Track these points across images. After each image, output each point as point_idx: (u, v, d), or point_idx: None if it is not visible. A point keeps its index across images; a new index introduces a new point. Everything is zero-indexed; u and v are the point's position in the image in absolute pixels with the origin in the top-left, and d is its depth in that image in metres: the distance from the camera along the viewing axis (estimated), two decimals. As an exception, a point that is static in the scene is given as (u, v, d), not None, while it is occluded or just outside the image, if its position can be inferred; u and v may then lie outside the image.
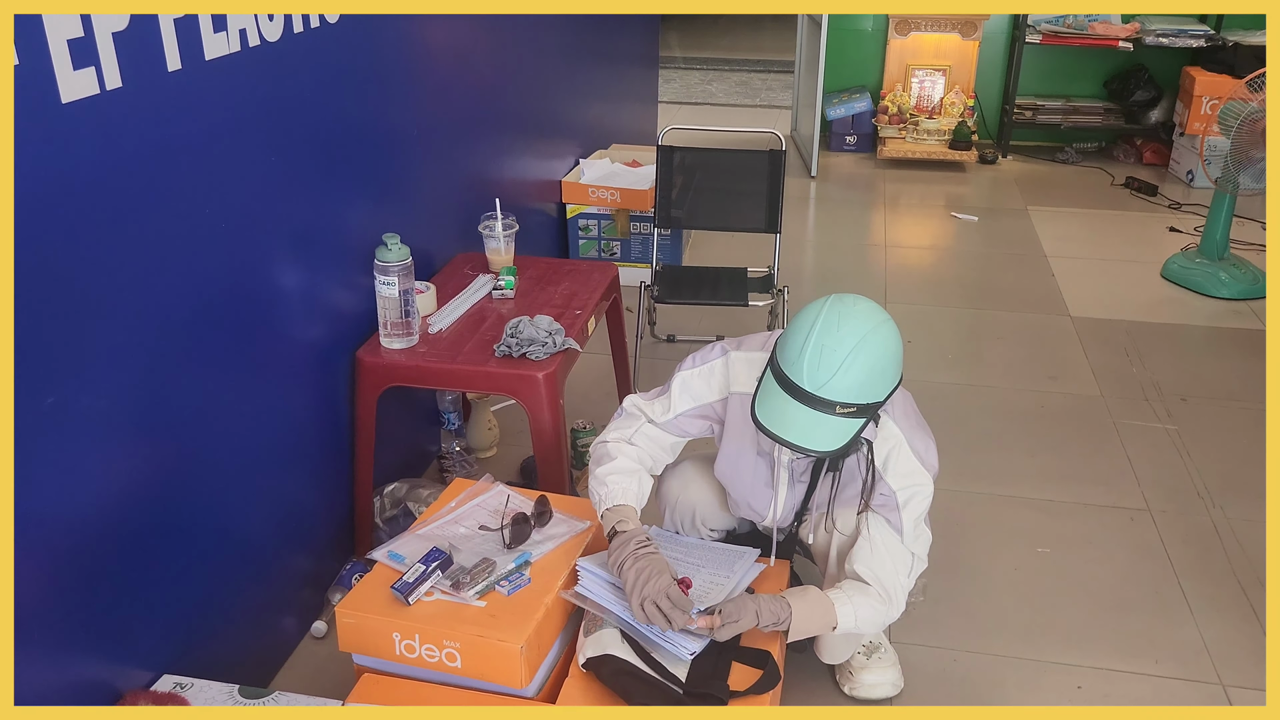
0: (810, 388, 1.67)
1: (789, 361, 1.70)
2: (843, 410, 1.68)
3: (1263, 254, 4.39)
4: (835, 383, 1.66)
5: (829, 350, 1.66)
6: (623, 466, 1.94)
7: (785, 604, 1.82)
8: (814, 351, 1.67)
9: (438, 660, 1.78)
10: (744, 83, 8.03)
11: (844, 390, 1.66)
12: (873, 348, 1.67)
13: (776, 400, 1.71)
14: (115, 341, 1.59)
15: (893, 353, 1.71)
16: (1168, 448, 3.00)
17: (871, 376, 1.68)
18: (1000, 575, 2.48)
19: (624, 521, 1.87)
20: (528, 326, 2.33)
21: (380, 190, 2.44)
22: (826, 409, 1.67)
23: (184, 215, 1.71)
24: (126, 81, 1.52)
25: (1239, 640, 2.28)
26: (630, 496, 1.91)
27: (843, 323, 1.68)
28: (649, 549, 1.82)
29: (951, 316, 3.90)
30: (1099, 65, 5.82)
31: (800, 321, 1.72)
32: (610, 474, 1.93)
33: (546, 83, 3.64)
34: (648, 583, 1.77)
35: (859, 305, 1.72)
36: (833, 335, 1.67)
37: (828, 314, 1.69)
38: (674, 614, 1.75)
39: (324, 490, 2.32)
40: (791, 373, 1.69)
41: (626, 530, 1.85)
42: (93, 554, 1.58)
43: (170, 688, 1.74)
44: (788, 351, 1.71)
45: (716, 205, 3.44)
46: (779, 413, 1.71)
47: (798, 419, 1.69)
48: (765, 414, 1.73)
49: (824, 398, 1.67)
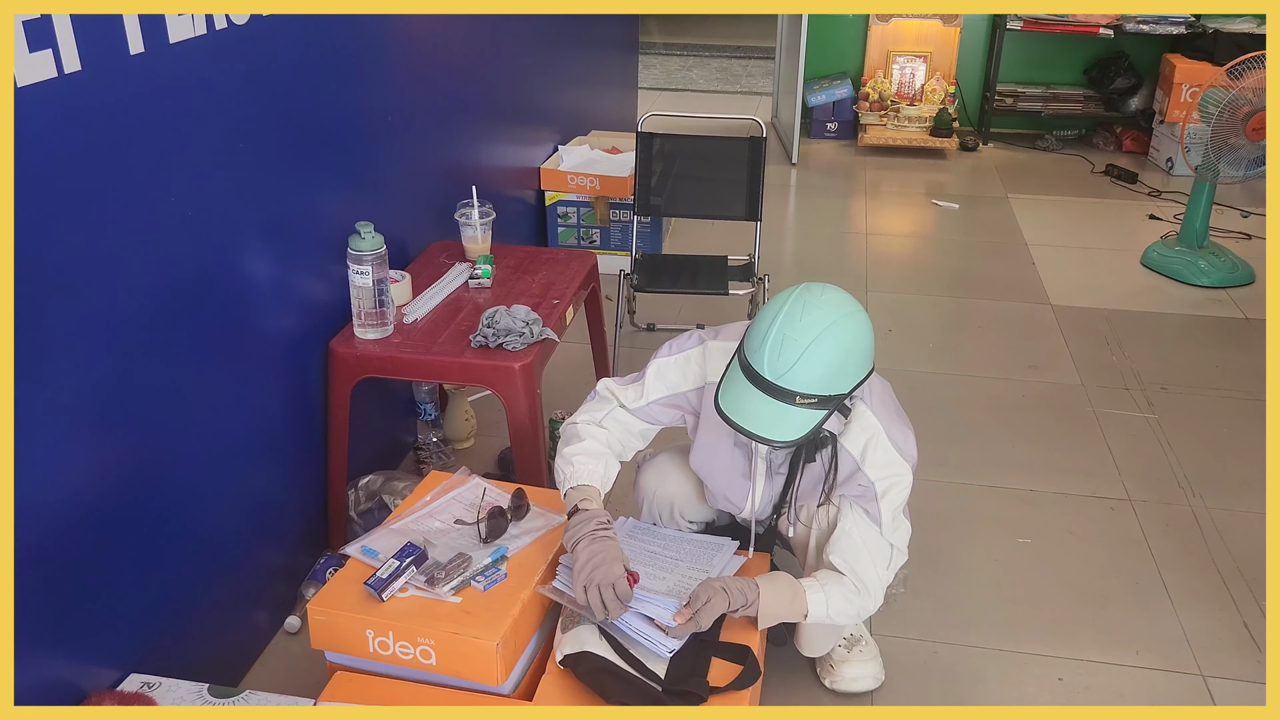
0: (770, 376, 1.65)
1: (752, 350, 1.68)
2: (803, 400, 1.66)
3: (1241, 242, 4.40)
4: (795, 373, 1.64)
5: (790, 340, 1.64)
6: (590, 449, 1.91)
7: (753, 585, 1.80)
8: (775, 340, 1.65)
9: (412, 658, 1.74)
10: (724, 69, 7.99)
11: (804, 381, 1.65)
12: (836, 339, 1.65)
13: (739, 389, 1.70)
14: (78, 334, 1.54)
15: (858, 345, 1.69)
16: (1148, 437, 3.00)
17: (833, 368, 1.66)
18: (981, 566, 2.47)
19: (587, 500, 1.84)
20: (504, 316, 2.30)
21: (354, 177, 2.39)
22: (786, 399, 1.65)
23: (148, 204, 1.66)
24: (86, 65, 1.47)
25: (1219, 631, 2.27)
26: (595, 478, 1.88)
27: (807, 312, 1.66)
28: (606, 533, 1.80)
29: (932, 305, 3.88)
30: (1079, 52, 5.81)
31: (766, 310, 1.71)
32: (577, 454, 1.90)
33: (525, 68, 3.59)
34: (597, 569, 1.74)
35: (826, 295, 1.70)
36: (795, 325, 1.65)
37: (793, 303, 1.68)
38: (613, 605, 1.73)
39: (297, 483, 2.28)
40: (754, 361, 1.67)
41: (588, 510, 1.82)
42: (56, 550, 1.54)
43: (138, 687, 1.70)
44: (752, 340, 1.69)
45: (696, 193, 3.40)
46: (740, 401, 1.69)
47: (758, 408, 1.67)
48: (727, 402, 1.72)
49: (784, 387, 1.65)
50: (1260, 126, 3.81)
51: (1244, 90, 3.77)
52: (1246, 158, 3.93)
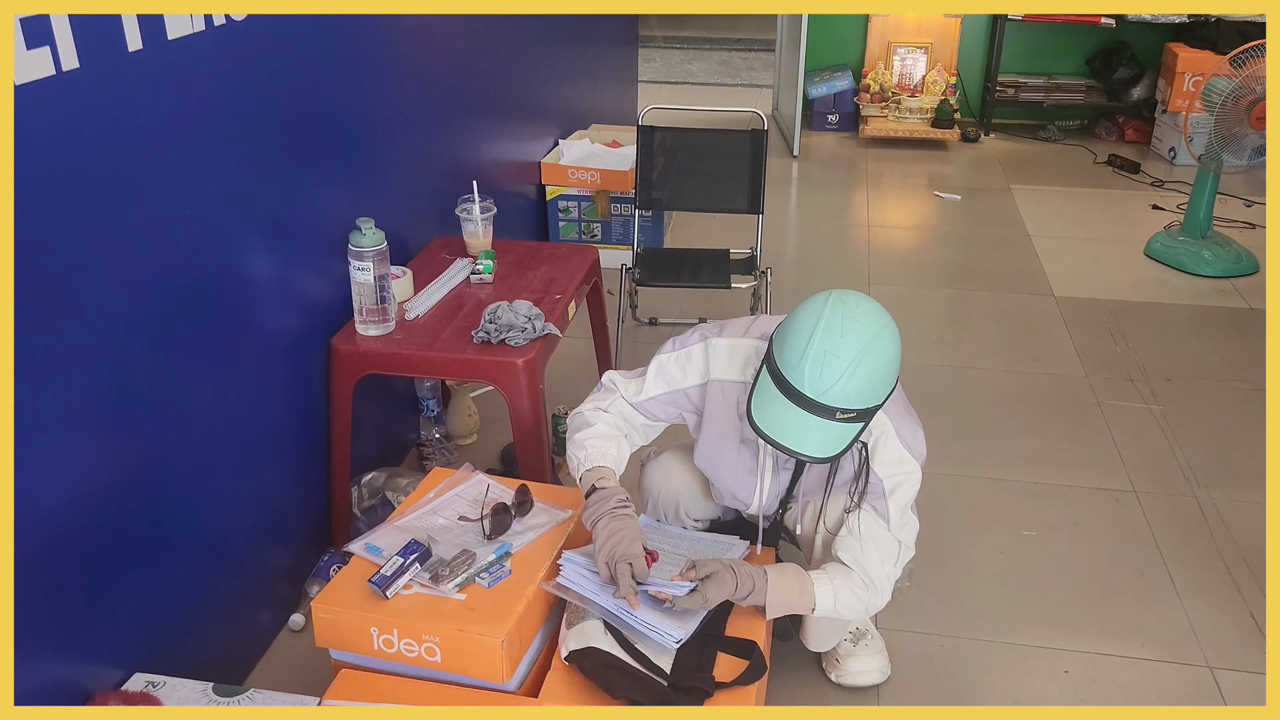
0: (812, 394, 1.63)
1: (789, 366, 1.65)
2: (843, 416, 1.64)
3: (1245, 231, 4.39)
4: (838, 390, 1.62)
5: (832, 356, 1.61)
6: (601, 432, 1.93)
7: (761, 573, 1.80)
8: (816, 357, 1.62)
9: (417, 655, 1.74)
10: (725, 62, 7.96)
11: (846, 397, 1.63)
12: (876, 354, 1.63)
13: (774, 404, 1.67)
14: (79, 334, 1.53)
15: (894, 357, 1.67)
16: (1153, 428, 2.99)
17: (873, 382, 1.64)
18: (986, 559, 2.46)
19: (604, 480, 1.86)
20: (506, 312, 2.29)
21: (354, 173, 2.38)
22: (827, 415, 1.63)
23: (148, 202, 1.66)
24: (84, 62, 1.46)
25: (1224, 622, 2.27)
26: (609, 459, 1.90)
27: (846, 327, 1.63)
28: (626, 510, 1.81)
29: (935, 297, 3.87)
30: (1081, 42, 5.79)
31: (801, 323, 1.66)
32: (589, 438, 1.91)
33: (525, 63, 3.58)
34: (619, 545, 1.76)
35: (862, 308, 1.67)
36: (836, 341, 1.62)
37: (829, 316, 1.64)
38: (625, 582, 1.74)
39: (300, 481, 2.28)
40: (792, 378, 1.64)
41: (606, 488, 1.84)
42: (58, 550, 1.53)
43: (142, 686, 1.70)
44: (787, 355, 1.66)
45: (698, 186, 3.39)
46: (777, 417, 1.67)
47: (797, 424, 1.65)
48: (763, 418, 1.69)
49: (825, 404, 1.63)
50: (1264, 115, 3.79)
51: (1247, 79, 3.76)
52: (1250, 146, 3.91)
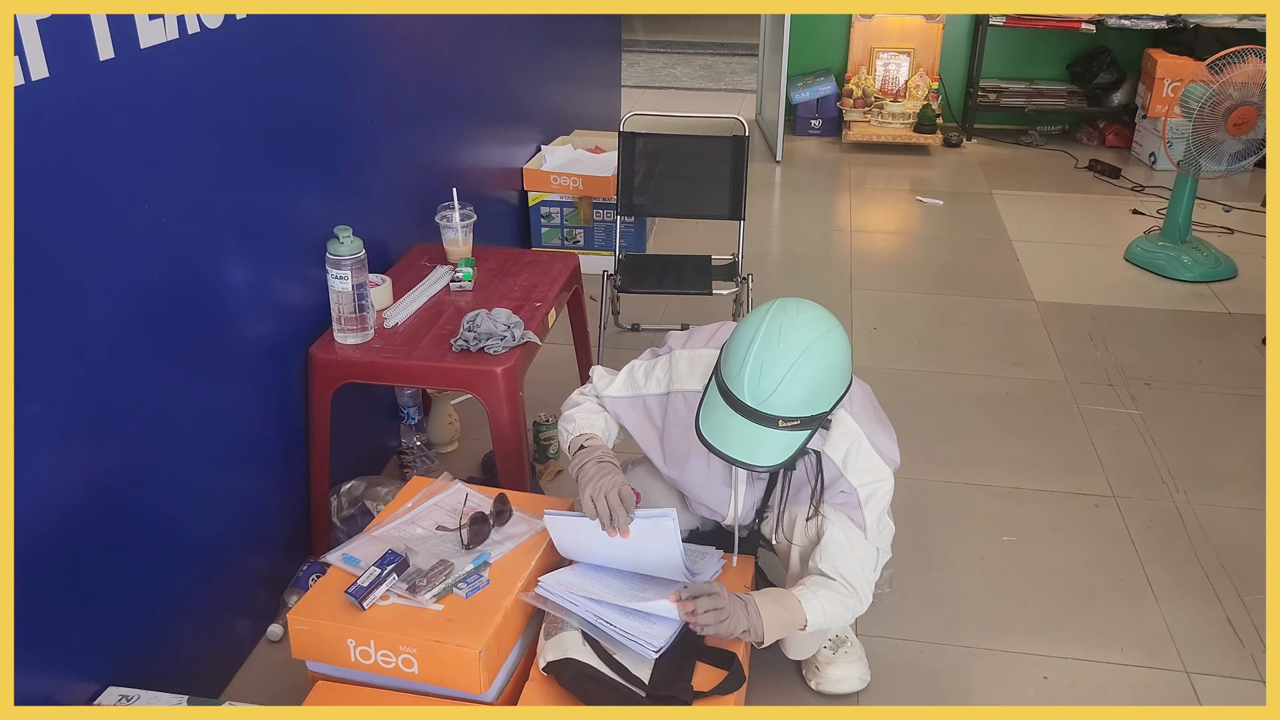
0: (752, 403, 1.64)
1: (731, 376, 1.66)
2: (785, 424, 1.65)
3: (1224, 236, 4.41)
4: (777, 398, 1.63)
5: (769, 365, 1.62)
6: (589, 408, 1.99)
7: (756, 609, 1.80)
8: (754, 366, 1.63)
9: (394, 666, 1.73)
10: (708, 66, 7.97)
11: (786, 405, 1.63)
12: (815, 361, 1.64)
13: (720, 414, 1.68)
14: (55, 341, 1.52)
15: (837, 363, 1.67)
16: (1132, 433, 3.00)
17: (814, 389, 1.65)
18: (966, 564, 2.47)
19: (591, 440, 1.91)
20: (486, 320, 2.28)
21: (332, 180, 2.37)
22: (769, 423, 1.64)
23: (122, 211, 1.64)
24: (54, 72, 1.45)
25: (1203, 626, 2.28)
26: (597, 429, 1.95)
27: (784, 335, 1.64)
28: (611, 463, 1.85)
29: (917, 302, 3.88)
30: (1062, 47, 5.82)
31: (742, 333, 1.68)
32: (578, 414, 1.98)
33: (506, 67, 3.58)
34: (603, 479, 1.80)
35: (801, 315, 1.67)
36: (773, 350, 1.63)
37: (769, 325, 1.65)
38: (619, 511, 1.77)
39: (278, 490, 2.26)
40: (733, 387, 1.65)
41: (591, 445, 1.89)
42: (29, 560, 1.52)
43: (116, 701, 1.68)
44: (730, 365, 1.67)
45: (680, 192, 3.39)
46: (722, 427, 1.68)
47: (740, 433, 1.66)
48: (709, 428, 1.70)
49: (766, 413, 1.63)
50: (1241, 121, 3.82)
51: (1225, 85, 3.78)
52: (1228, 152, 3.94)
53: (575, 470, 1.86)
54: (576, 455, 1.89)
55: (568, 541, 1.90)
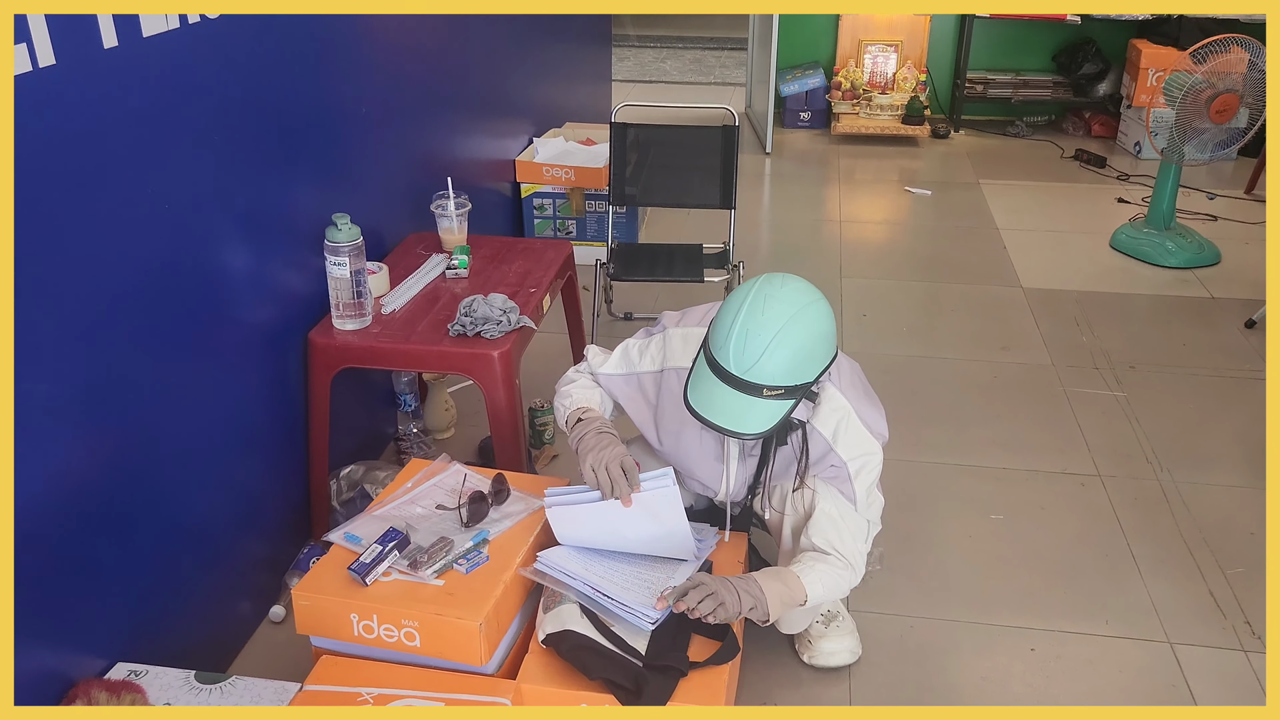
0: (737, 371, 1.69)
1: (717, 345, 1.72)
2: (770, 393, 1.70)
3: (1207, 223, 4.47)
4: (761, 366, 1.68)
5: (754, 334, 1.68)
6: (585, 384, 2.03)
7: (756, 584, 1.82)
8: (740, 335, 1.68)
9: (396, 640, 1.77)
10: (698, 60, 8.01)
11: (770, 373, 1.68)
12: (799, 329, 1.69)
13: (706, 383, 1.74)
14: (57, 327, 1.56)
15: (821, 333, 1.72)
16: (1117, 415, 3.05)
17: (798, 358, 1.70)
18: (955, 543, 2.52)
19: (588, 412, 1.95)
20: (482, 305, 2.32)
21: (330, 169, 2.41)
22: (754, 392, 1.69)
23: (124, 198, 1.68)
24: (60, 59, 1.49)
25: (1184, 599, 2.33)
26: (594, 403, 1.99)
27: (768, 306, 1.69)
28: (610, 433, 1.89)
29: (906, 290, 3.93)
30: (1048, 38, 5.88)
31: (729, 305, 1.74)
32: (574, 389, 2.02)
33: (499, 61, 3.61)
34: (604, 450, 1.84)
35: (786, 286, 1.73)
36: (758, 319, 1.68)
37: (754, 297, 1.71)
38: (620, 482, 1.81)
39: (279, 474, 2.30)
40: (719, 356, 1.71)
41: (589, 417, 1.93)
42: (41, 543, 1.56)
43: (125, 675, 1.72)
44: (716, 335, 1.73)
45: (671, 182, 3.43)
46: (709, 396, 1.73)
47: (726, 402, 1.71)
48: (696, 398, 1.76)
49: (751, 381, 1.68)
50: (1224, 109, 3.87)
51: (1207, 74, 3.84)
52: (1211, 141, 3.99)
53: (575, 442, 1.90)
54: (575, 427, 1.92)
55: (569, 532, 1.92)
